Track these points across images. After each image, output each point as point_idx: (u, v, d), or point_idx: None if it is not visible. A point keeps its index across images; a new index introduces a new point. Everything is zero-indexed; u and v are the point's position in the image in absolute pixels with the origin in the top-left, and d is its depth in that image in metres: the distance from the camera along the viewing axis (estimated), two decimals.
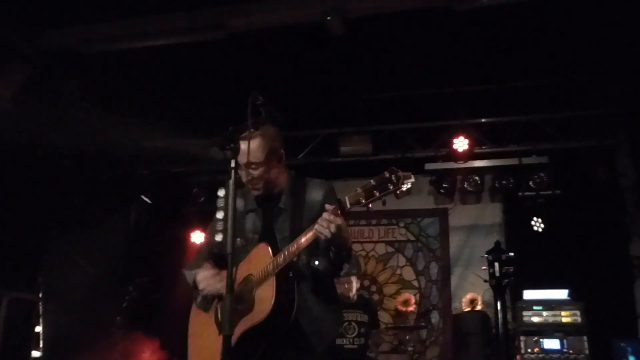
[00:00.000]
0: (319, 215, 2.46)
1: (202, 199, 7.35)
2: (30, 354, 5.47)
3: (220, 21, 5.40)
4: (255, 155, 2.63)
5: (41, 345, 5.63)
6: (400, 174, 2.30)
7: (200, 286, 2.77)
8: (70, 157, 6.33)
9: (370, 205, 2.37)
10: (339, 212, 2.41)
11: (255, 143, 2.62)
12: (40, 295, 5.77)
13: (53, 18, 5.52)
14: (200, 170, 7.33)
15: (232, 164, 2.17)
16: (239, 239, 2.75)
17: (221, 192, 2.26)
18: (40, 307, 5.65)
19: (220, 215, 2.22)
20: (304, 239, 2.51)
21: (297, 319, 2.59)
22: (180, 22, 5.49)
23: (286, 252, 2.55)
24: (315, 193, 2.78)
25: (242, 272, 2.67)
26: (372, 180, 2.35)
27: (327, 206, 2.45)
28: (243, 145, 2.48)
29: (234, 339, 2.49)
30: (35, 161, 6.01)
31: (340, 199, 2.45)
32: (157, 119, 6.95)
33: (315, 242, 2.53)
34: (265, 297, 2.52)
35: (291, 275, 2.59)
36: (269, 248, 2.63)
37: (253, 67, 6.04)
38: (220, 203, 2.22)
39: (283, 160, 2.82)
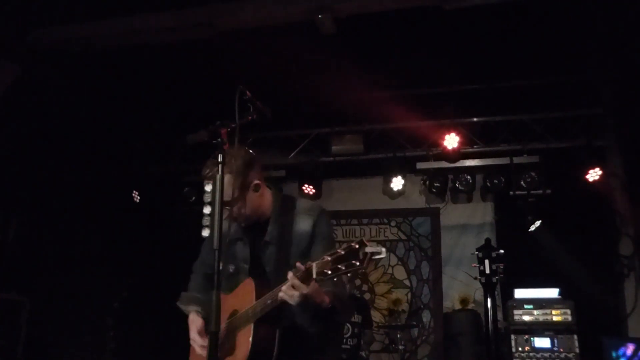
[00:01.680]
0: (308, 246, 2.41)
1: (193, 198, 7.31)
2: (17, 355, 5.41)
3: (209, 20, 5.37)
4: (226, 194, 2.36)
5: (29, 347, 5.58)
6: (369, 250, 2.09)
7: (191, 342, 2.76)
8: (58, 155, 6.28)
9: (335, 279, 2.21)
10: (305, 279, 2.27)
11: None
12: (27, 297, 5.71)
13: (41, 17, 5.47)
14: (191, 169, 7.30)
15: (219, 159, 2.14)
16: (231, 265, 2.74)
17: (208, 187, 2.21)
18: (28, 308, 5.60)
19: (207, 210, 2.18)
20: (274, 296, 2.39)
21: (297, 354, 2.56)
22: (168, 20, 5.45)
23: (263, 304, 2.46)
24: (303, 222, 2.66)
25: (230, 304, 2.65)
26: (340, 250, 2.16)
27: (290, 274, 2.30)
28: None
29: None
30: (23, 160, 5.97)
31: (308, 267, 2.26)
32: (145, 117, 6.93)
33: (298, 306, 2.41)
34: (243, 342, 2.49)
35: (271, 322, 2.49)
36: (254, 288, 2.54)
37: (242, 66, 6.01)
38: (208, 198, 2.18)
39: (262, 188, 2.69)
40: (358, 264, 2.10)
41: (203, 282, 2.95)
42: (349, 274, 2.15)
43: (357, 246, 2.11)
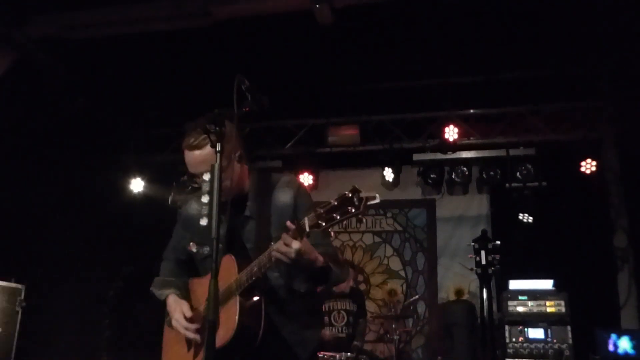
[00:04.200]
0: (290, 219, 2.29)
1: (190, 188, 7.30)
2: (14, 342, 5.42)
3: (206, 9, 5.35)
4: (210, 162, 2.26)
5: (24, 334, 5.59)
6: (363, 195, 2.10)
7: (173, 324, 2.60)
8: (54, 143, 6.26)
9: (330, 230, 2.19)
10: (297, 234, 2.21)
11: (207, 149, 2.37)
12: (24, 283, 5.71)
13: (37, 4, 5.44)
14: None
15: (218, 148, 2.13)
16: (206, 247, 2.61)
17: (206, 176, 2.18)
18: (24, 295, 5.60)
19: (205, 199, 2.14)
20: (264, 260, 2.33)
21: (279, 330, 2.50)
22: (165, 9, 5.43)
23: (249, 271, 2.38)
24: (283, 195, 2.59)
25: (207, 286, 2.54)
26: (333, 201, 2.15)
27: (287, 226, 2.24)
28: (195, 154, 2.39)
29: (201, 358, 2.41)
30: (19, 147, 5.95)
31: (299, 222, 2.22)
32: (143, 106, 6.92)
33: (290, 265, 2.34)
34: (228, 319, 2.37)
35: (256, 296, 2.42)
36: (235, 262, 2.45)
37: (239, 56, 6.00)
38: (206, 187, 2.13)
39: (244, 159, 2.60)
40: (353, 210, 2.10)
41: (175, 268, 2.84)
42: (344, 222, 2.14)
43: (350, 194, 2.12)
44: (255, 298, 2.43)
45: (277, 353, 2.51)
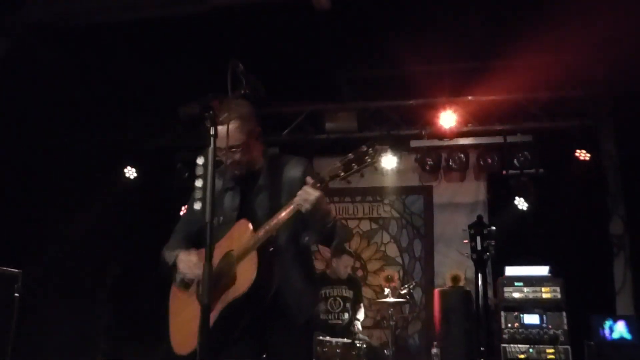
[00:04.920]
0: (299, 190, 2.51)
1: (186, 174, 7.31)
2: (11, 329, 5.43)
3: None
4: (235, 137, 2.65)
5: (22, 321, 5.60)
6: (378, 147, 2.38)
7: (181, 268, 2.77)
8: (50, 130, 6.25)
9: (348, 178, 2.44)
10: (318, 185, 2.47)
11: (233, 125, 2.63)
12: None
13: None
14: (184, 145, 7.28)
15: (212, 132, 2.14)
16: (220, 217, 2.76)
17: (200, 160, 2.26)
18: (21, 282, 5.61)
19: (199, 183, 2.21)
20: (284, 213, 2.55)
21: (280, 292, 2.65)
22: None
23: (267, 227, 2.57)
24: (294, 170, 2.79)
25: (222, 248, 2.66)
26: (350, 154, 2.41)
27: (308, 179, 2.50)
28: (221, 129, 2.48)
29: (216, 313, 2.52)
30: (13, 134, 5.93)
31: (319, 173, 2.49)
32: (138, 93, 6.88)
33: (300, 219, 2.58)
34: (247, 271, 2.55)
35: (272, 250, 2.62)
36: (250, 224, 2.64)
37: (236, 42, 5.97)
38: (200, 171, 2.22)
39: (260, 137, 2.83)
40: (369, 160, 2.41)
41: (185, 239, 2.94)
42: (361, 171, 2.42)
43: (365, 148, 2.41)
44: (271, 253, 2.62)
45: (278, 313, 2.69)
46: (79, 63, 6.30)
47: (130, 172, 7.50)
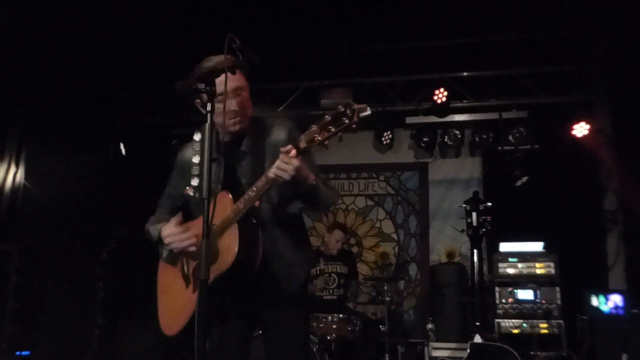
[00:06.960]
0: None
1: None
2: (6, 305, 5.45)
3: None
4: (239, 78, 2.57)
5: (18, 297, 5.61)
6: (355, 106, 2.21)
7: (167, 240, 2.63)
8: (44, 106, 6.19)
9: (326, 142, 2.27)
10: (294, 152, 2.31)
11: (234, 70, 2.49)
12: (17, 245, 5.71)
13: None
14: (180, 121, 7.24)
15: (208, 107, 2.11)
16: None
17: (197, 136, 2.18)
18: (17, 258, 5.61)
19: (196, 159, 2.15)
20: (262, 183, 2.40)
21: (269, 264, 2.56)
22: None
23: (246, 198, 2.44)
24: (277, 132, 2.68)
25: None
26: (327, 116, 2.26)
27: (282, 149, 2.33)
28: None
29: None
30: (7, 111, 5.88)
31: (295, 138, 2.34)
32: (133, 68, 6.81)
33: (283, 186, 2.44)
34: (228, 246, 2.43)
35: (254, 221, 2.50)
36: (230, 195, 2.50)
37: (233, 17, 5.90)
38: (197, 147, 2.14)
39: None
40: (347, 120, 2.21)
41: (171, 212, 2.83)
42: (339, 133, 2.23)
43: (343, 108, 2.22)
44: (253, 225, 2.48)
45: (268, 285, 2.59)
46: (72, 36, 6.22)
47: (124, 149, 7.46)
